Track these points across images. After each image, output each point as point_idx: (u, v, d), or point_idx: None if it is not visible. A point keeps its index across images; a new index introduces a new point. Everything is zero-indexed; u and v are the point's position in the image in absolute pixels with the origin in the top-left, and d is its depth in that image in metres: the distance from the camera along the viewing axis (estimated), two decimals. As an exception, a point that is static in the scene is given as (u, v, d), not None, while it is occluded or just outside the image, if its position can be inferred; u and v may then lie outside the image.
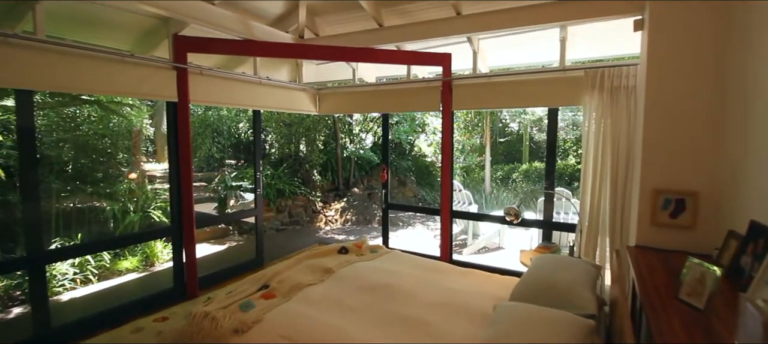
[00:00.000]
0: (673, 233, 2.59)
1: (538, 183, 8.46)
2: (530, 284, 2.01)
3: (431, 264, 2.67)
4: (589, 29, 3.45)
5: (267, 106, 4.36)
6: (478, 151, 8.46)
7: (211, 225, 5.61)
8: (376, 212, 6.99)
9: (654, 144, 2.60)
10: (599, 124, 3.17)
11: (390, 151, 10.22)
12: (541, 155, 9.58)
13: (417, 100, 4.21)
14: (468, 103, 3.98)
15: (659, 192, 2.60)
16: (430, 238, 5.93)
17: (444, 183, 4.12)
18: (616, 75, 3.08)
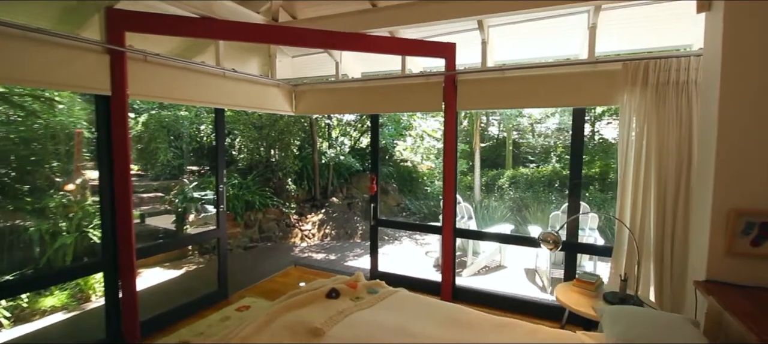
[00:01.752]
0: (754, 264, 2.05)
1: (529, 191, 8.04)
2: None
3: (453, 312, 2.02)
4: (623, 16, 2.92)
5: (233, 103, 3.58)
6: (467, 157, 7.92)
7: (164, 250, 4.70)
8: (358, 225, 6.27)
9: (731, 153, 2.06)
10: (642, 128, 2.64)
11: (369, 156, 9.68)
12: (523, 161, 9.17)
13: (414, 98, 3.57)
14: (475, 102, 3.37)
15: (739, 213, 2.06)
16: (421, 256, 5.28)
17: (447, 196, 3.49)
18: (664, 68, 2.55)
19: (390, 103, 3.73)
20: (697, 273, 2.23)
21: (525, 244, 3.78)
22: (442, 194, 3.54)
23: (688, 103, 2.51)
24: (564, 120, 7.23)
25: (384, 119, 7.32)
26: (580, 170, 3.16)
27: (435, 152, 7.77)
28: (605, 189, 7.47)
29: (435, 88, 3.42)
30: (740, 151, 2.05)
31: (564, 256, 3.96)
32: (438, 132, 7.18)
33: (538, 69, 3.09)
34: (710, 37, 2.22)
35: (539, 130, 9.01)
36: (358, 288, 2.23)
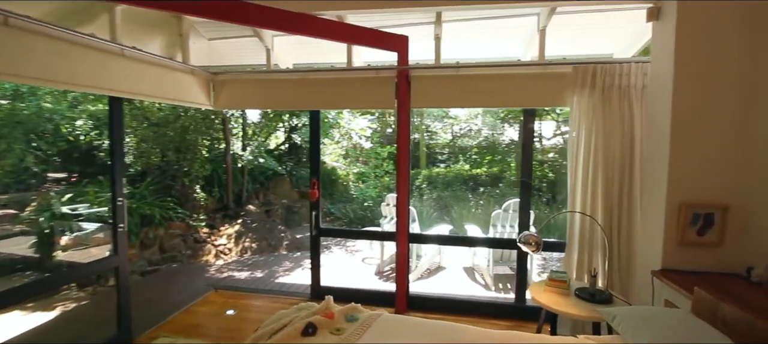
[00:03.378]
0: (698, 252, 2.26)
1: (448, 189, 8.32)
2: None
3: (449, 331, 1.77)
4: (568, 22, 3.06)
5: (134, 91, 2.81)
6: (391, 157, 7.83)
7: (38, 291, 3.43)
8: (283, 235, 5.66)
9: (683, 153, 2.24)
10: (590, 128, 2.77)
11: (288, 158, 8.92)
12: (434, 160, 9.50)
13: (363, 94, 3.26)
14: (430, 100, 3.23)
15: (688, 206, 2.25)
16: (359, 265, 4.96)
17: (401, 199, 3.26)
18: (609, 73, 2.72)
19: (335, 99, 3.36)
20: (652, 263, 2.39)
21: (488, 245, 3.79)
22: (396, 197, 3.30)
23: (629, 105, 2.71)
24: (488, 120, 7.65)
25: (303, 117, 6.79)
26: (530, 169, 3.23)
27: (366, 152, 7.51)
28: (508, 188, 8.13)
29: (386, 84, 3.17)
30: (690, 151, 2.24)
31: (501, 253, 4.10)
32: (368, 131, 6.94)
33: (491, 68, 3.07)
34: (659, 46, 2.41)
35: (454, 131, 9.41)
36: (336, 318, 1.84)
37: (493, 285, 4.06)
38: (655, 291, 2.34)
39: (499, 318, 3.26)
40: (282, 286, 4.06)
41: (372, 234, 4.40)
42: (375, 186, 7.16)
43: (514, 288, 4.11)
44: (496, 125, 7.67)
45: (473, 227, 4.78)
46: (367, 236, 4.30)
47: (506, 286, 4.16)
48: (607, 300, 2.25)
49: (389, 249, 4.59)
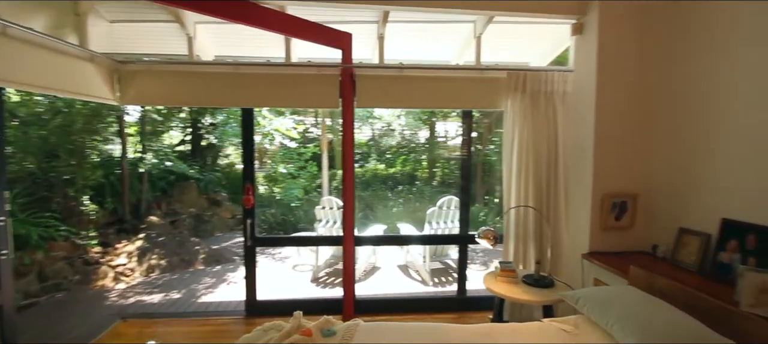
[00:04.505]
0: (616, 235, 2.65)
1: (368, 190, 8.38)
2: (656, 340, 1.39)
3: (432, 333, 1.76)
4: (501, 31, 3.30)
5: (18, 80, 2.20)
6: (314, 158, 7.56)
7: None
8: (198, 248, 5.04)
9: (604, 150, 2.60)
10: (522, 129, 3.04)
11: (193, 161, 7.91)
12: None
13: (304, 91, 3.06)
14: (374, 100, 3.19)
15: (609, 196, 2.62)
16: (289, 273, 4.67)
17: (347, 201, 3.16)
18: (537, 79, 3.02)
19: (272, 96, 3.10)
20: (581, 247, 2.73)
21: (435, 243, 3.85)
22: (343, 199, 3.19)
23: (553, 109, 3.03)
24: (410, 122, 7.87)
25: (224, 115, 6.13)
26: (469, 168, 3.42)
27: (292, 154, 7.08)
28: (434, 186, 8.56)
29: (329, 82, 3.03)
30: (609, 148, 2.60)
31: (434, 249, 4.27)
32: (294, 131, 6.56)
33: (433, 71, 3.15)
34: (582, 57, 2.75)
35: (375, 131, 9.49)
36: (314, 335, 1.69)
37: (430, 280, 4.20)
38: (584, 272, 2.68)
39: (443, 311, 3.39)
40: (207, 306, 3.61)
41: (316, 239, 4.16)
42: (298, 188, 6.85)
43: (449, 281, 4.34)
44: (417, 126, 7.97)
45: (406, 225, 4.89)
46: (312, 242, 4.07)
47: (441, 280, 4.35)
48: (550, 284, 2.48)
49: (324, 254, 4.43)
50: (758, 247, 1.90)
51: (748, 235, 1.97)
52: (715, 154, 2.16)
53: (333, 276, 4.39)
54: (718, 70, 2.14)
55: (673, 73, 2.42)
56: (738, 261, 2.00)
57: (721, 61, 2.12)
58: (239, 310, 3.35)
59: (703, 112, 2.23)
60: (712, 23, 2.18)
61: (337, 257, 4.41)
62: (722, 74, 2.12)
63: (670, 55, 2.44)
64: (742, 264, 1.95)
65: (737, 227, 2.03)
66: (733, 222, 2.05)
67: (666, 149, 2.49)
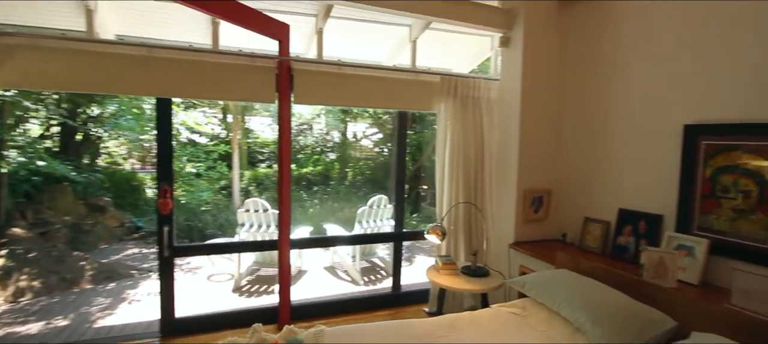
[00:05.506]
0: (534, 226, 3.02)
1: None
2: (604, 315, 1.62)
3: (403, 328, 1.77)
4: (433, 38, 3.47)
5: None
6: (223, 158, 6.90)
7: None
8: (84, 263, 4.19)
9: (526, 151, 2.94)
10: (453, 130, 3.25)
11: (65, 159, 6.48)
12: (253, 160, 8.98)
13: (235, 83, 2.79)
14: (313, 97, 3.06)
15: (529, 192, 2.96)
16: (204, 284, 4.20)
17: (283, 203, 2.98)
18: (467, 85, 3.25)
19: (195, 87, 2.75)
20: (507, 238, 3.04)
21: (378, 241, 3.78)
22: (278, 200, 3.00)
23: (480, 113, 3.31)
24: (330, 121, 7.69)
25: (117, 105, 5.17)
26: (404, 168, 3.52)
27: (199, 151, 6.30)
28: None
29: (263, 75, 2.83)
30: (530, 149, 2.95)
31: (364, 248, 4.31)
32: (206, 126, 5.86)
33: (371, 70, 3.17)
34: (508, 67, 3.05)
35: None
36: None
37: (360, 280, 4.20)
38: (510, 260, 2.99)
39: (379, 308, 3.42)
40: (109, 331, 3.03)
41: (247, 245, 3.75)
42: (207, 190, 6.20)
43: (378, 278, 4.40)
44: (336, 125, 7.89)
45: (333, 226, 4.80)
46: (242, 248, 3.65)
47: (371, 278, 4.39)
48: (486, 274, 2.71)
49: (246, 261, 4.11)
50: (648, 231, 2.36)
51: (639, 221, 2.43)
52: (613, 154, 2.61)
53: (257, 284, 4.09)
54: (614, 85, 2.59)
55: (580, 87, 2.86)
56: (632, 242, 2.45)
57: (616, 78, 2.57)
58: (152, 331, 2.90)
59: (603, 120, 2.68)
60: (612, 46, 2.62)
61: (260, 263, 4.12)
62: (616, 89, 2.57)
63: (578, 71, 2.87)
64: (635, 245, 2.41)
65: (631, 215, 2.48)
66: (627, 211, 2.51)
67: (574, 151, 2.92)
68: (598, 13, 2.70)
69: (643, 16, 2.41)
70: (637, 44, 2.44)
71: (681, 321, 1.64)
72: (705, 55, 2.09)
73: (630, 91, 2.49)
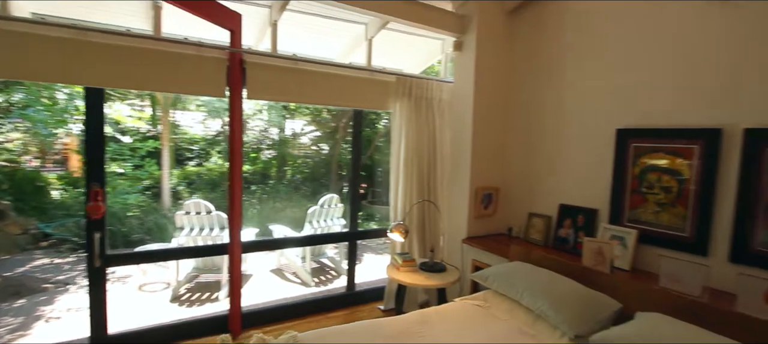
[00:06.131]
0: (484, 222, 3.20)
1: (215, 190, 7.49)
2: (563, 302, 1.78)
3: (375, 328, 1.75)
4: (388, 39, 3.49)
5: None
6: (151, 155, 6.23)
7: None
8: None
9: (478, 150, 3.09)
10: (408, 130, 3.31)
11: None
12: (181, 158, 8.30)
13: (180, 74, 2.56)
14: (267, 91, 2.90)
15: (481, 189, 3.13)
16: (139, 296, 3.77)
17: (234, 204, 2.80)
18: (420, 86, 3.33)
19: (135, 76, 2.46)
20: (460, 234, 3.17)
21: (334, 241, 3.64)
22: (229, 201, 2.81)
23: (433, 113, 3.41)
24: (272, 117, 7.32)
25: (26, 92, 4.37)
26: (359, 167, 3.50)
27: (123, 149, 5.57)
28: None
29: (213, 67, 2.63)
30: (482, 149, 3.11)
31: (316, 248, 4.22)
32: (132, 120, 5.21)
33: (327, 66, 3.10)
34: (461, 71, 3.18)
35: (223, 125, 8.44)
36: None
37: (311, 281, 4.10)
38: (464, 255, 3.13)
39: (335, 309, 3.37)
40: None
41: (192, 251, 3.39)
42: (135, 192, 5.58)
43: (329, 279, 4.33)
44: (279, 122, 7.58)
45: (280, 227, 4.60)
46: (186, 254, 3.26)
47: (321, 278, 4.30)
48: (443, 269, 2.80)
49: (185, 268, 3.78)
50: (585, 223, 2.62)
51: (578, 215, 2.69)
52: (554, 155, 2.86)
53: (198, 292, 3.78)
54: (555, 91, 2.83)
55: (526, 92, 3.08)
56: (572, 234, 2.70)
57: (557, 85, 2.82)
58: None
59: (545, 123, 2.92)
60: (554, 56, 2.86)
61: (200, 269, 3.82)
62: (558, 95, 2.82)
63: (524, 77, 3.09)
64: (575, 237, 2.66)
65: (570, 209, 2.74)
66: (567, 205, 2.77)
67: (520, 151, 3.14)
68: (542, 25, 2.93)
69: (582, 31, 2.67)
70: (576, 56, 2.70)
71: (623, 303, 1.85)
72: (633, 69, 2.37)
73: (570, 98, 2.74)
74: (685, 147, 2.14)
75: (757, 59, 1.86)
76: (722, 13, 1.97)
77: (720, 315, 1.62)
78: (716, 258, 1.99)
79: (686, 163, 2.13)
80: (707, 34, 2.04)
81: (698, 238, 2.07)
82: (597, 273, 2.08)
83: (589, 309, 1.73)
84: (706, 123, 2.05)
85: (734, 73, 1.94)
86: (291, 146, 8.91)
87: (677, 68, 2.17)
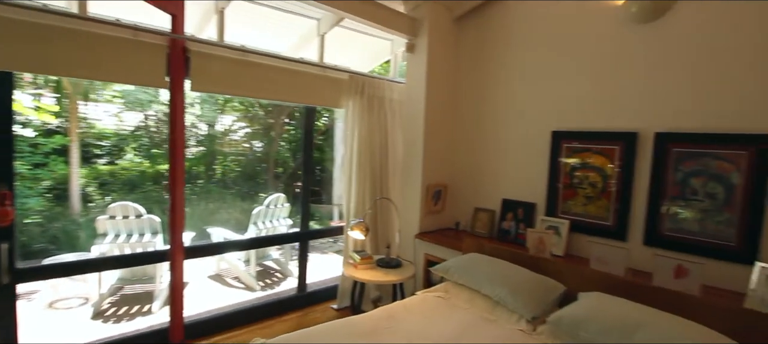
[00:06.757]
0: (434, 217, 3.36)
1: (135, 191, 6.75)
2: (519, 288, 1.94)
3: (345, 327, 1.73)
4: (338, 36, 3.45)
5: None
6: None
7: None
8: None
9: (429, 149, 3.23)
10: (361, 128, 3.33)
11: None
12: (88, 155, 7.38)
13: (111, 60, 2.28)
14: (213, 84, 2.70)
15: (431, 186, 3.26)
16: (50, 315, 3.24)
17: (176, 204, 2.57)
18: (373, 85, 3.38)
19: (56, 60, 2.13)
20: (413, 230, 3.27)
21: (284, 242, 3.46)
22: (169, 202, 2.57)
23: (384, 113, 3.48)
24: (205, 112, 6.72)
25: None
26: (310, 165, 3.42)
27: (21, 145, 4.65)
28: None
29: (151, 54, 2.39)
30: (432, 148, 3.25)
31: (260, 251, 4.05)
32: (36, 113, 4.38)
33: (278, 61, 2.99)
34: (413, 72, 3.28)
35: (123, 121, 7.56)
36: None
37: (256, 285, 3.91)
38: (416, 250, 3.24)
39: (287, 312, 3.27)
40: None
41: (123, 260, 2.95)
42: (35, 195, 4.77)
43: (275, 281, 4.16)
44: (213, 118, 7.05)
45: (220, 229, 4.28)
46: (118, 264, 2.82)
47: (266, 282, 4.12)
48: (399, 265, 2.88)
49: (108, 280, 3.37)
50: (525, 216, 2.88)
51: (518, 208, 2.95)
52: (497, 153, 3.09)
53: (125, 305, 3.38)
54: (498, 95, 3.07)
55: (472, 94, 3.28)
56: (513, 226, 2.96)
57: (500, 89, 3.05)
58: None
59: (489, 123, 3.14)
60: (494, 63, 3.09)
61: (127, 280, 3.43)
62: (501, 98, 3.06)
63: (470, 80, 3.29)
64: (516, 228, 2.92)
65: (511, 203, 2.99)
66: (509, 200, 3.01)
67: (466, 149, 3.33)
68: (486, 34, 3.14)
69: (521, 43, 2.92)
70: (517, 64, 2.95)
71: (566, 285, 2.09)
72: (566, 79, 2.67)
73: (511, 102, 2.99)
74: (608, 148, 2.47)
75: (666, 73, 2.21)
76: (638, 34, 2.32)
77: (641, 290, 1.91)
78: (634, 243, 2.34)
79: (609, 161, 2.47)
80: (627, 51, 2.37)
81: (619, 226, 2.41)
82: (542, 260, 2.31)
83: (542, 292, 1.93)
84: (625, 127, 2.39)
85: (648, 85, 2.29)
86: (222, 143, 8.36)
87: (602, 79, 2.49)
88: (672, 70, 2.20)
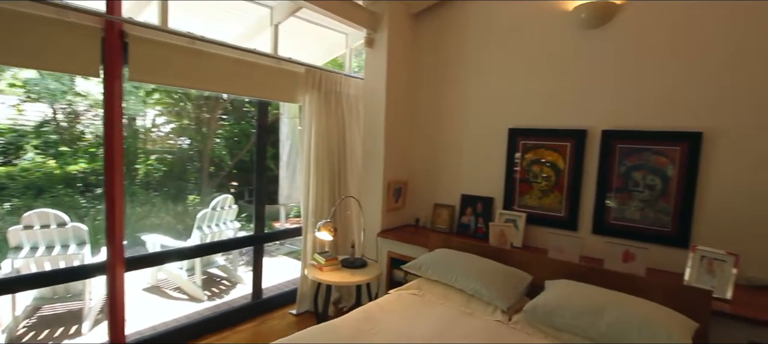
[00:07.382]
0: (395, 214, 3.36)
1: (41, 197, 5.84)
2: (492, 280, 1.99)
3: (323, 332, 1.63)
4: (291, 27, 3.28)
5: None
6: None
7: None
8: None
9: (390, 146, 3.21)
10: (318, 123, 3.21)
11: None
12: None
13: (35, 44, 1.92)
14: (156, 74, 2.41)
15: (392, 184, 3.26)
16: None
17: (115, 210, 2.26)
18: (330, 80, 3.27)
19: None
20: (375, 228, 3.23)
21: (236, 247, 3.21)
22: (107, 208, 2.24)
23: (341, 108, 3.39)
24: (130, 104, 5.94)
25: None
26: (264, 164, 3.21)
27: None
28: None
29: (81, 37, 2.06)
30: (393, 145, 3.24)
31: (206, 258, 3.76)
32: None
33: (230, 50, 2.75)
34: (372, 67, 3.23)
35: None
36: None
37: (203, 295, 3.58)
38: (379, 248, 3.21)
39: (242, 322, 3.05)
40: None
41: (52, 275, 2.45)
42: None
43: (223, 289, 3.86)
44: (138, 111, 6.31)
45: (155, 236, 3.84)
46: (44, 281, 2.31)
47: (213, 291, 3.80)
48: (365, 264, 2.82)
49: (23, 300, 2.87)
50: (483, 210, 3.00)
51: (477, 203, 3.05)
52: (456, 150, 3.17)
53: (44, 328, 2.90)
54: (456, 93, 3.15)
55: (430, 91, 3.32)
56: (473, 221, 3.06)
57: (458, 87, 3.14)
58: None
59: (447, 121, 3.21)
60: (452, 61, 3.16)
61: (46, 299, 2.94)
62: (458, 96, 3.14)
63: (429, 77, 3.32)
64: (475, 223, 3.02)
65: (470, 198, 3.09)
66: (468, 195, 3.11)
67: (425, 146, 3.38)
68: (444, 31, 3.20)
69: (479, 43, 3.02)
70: (474, 63, 3.05)
71: (531, 275, 2.20)
72: (521, 79, 2.81)
73: (469, 99, 3.08)
74: (560, 144, 2.66)
75: (612, 75, 2.43)
76: (587, 38, 2.52)
77: (596, 274, 2.07)
78: (584, 232, 2.54)
79: (561, 157, 2.65)
80: (577, 53, 2.56)
81: (571, 217, 2.61)
82: (504, 252, 2.42)
83: (513, 283, 2.01)
84: (575, 125, 2.58)
85: (595, 86, 2.50)
86: (146, 141, 7.56)
87: (554, 81, 2.67)
88: (616, 72, 2.42)
